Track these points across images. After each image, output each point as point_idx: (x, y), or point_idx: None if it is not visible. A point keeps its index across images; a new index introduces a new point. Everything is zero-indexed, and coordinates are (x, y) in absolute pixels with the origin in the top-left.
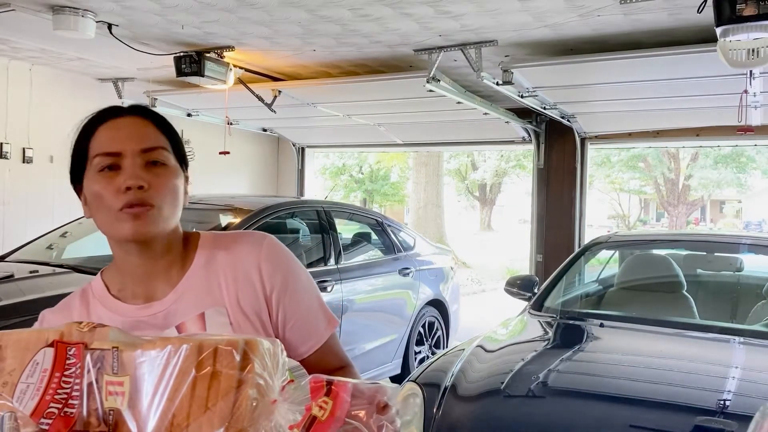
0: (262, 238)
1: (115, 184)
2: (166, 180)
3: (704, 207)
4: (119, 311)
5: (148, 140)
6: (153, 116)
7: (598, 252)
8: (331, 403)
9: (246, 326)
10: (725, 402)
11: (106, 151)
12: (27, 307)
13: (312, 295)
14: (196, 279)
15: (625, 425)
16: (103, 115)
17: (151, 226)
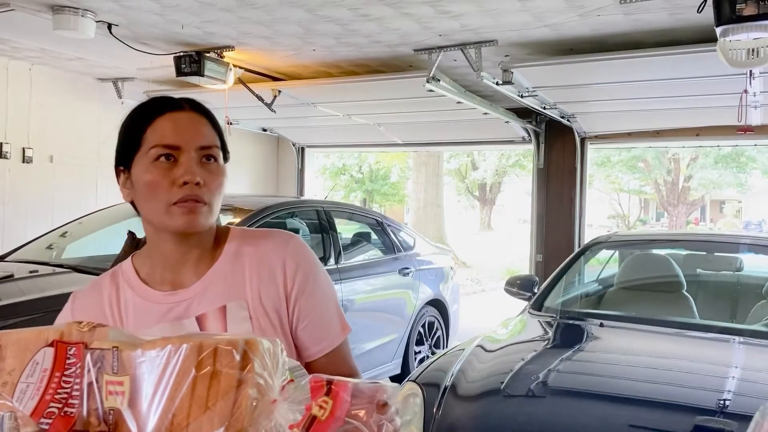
0: (289, 238)
1: (171, 176)
2: (218, 177)
3: (704, 207)
4: (145, 295)
5: (205, 138)
6: (207, 114)
7: (598, 252)
8: (331, 403)
9: (265, 322)
10: (725, 402)
11: (165, 143)
12: (27, 307)
13: (329, 298)
14: (222, 271)
15: (625, 425)
16: (162, 106)
17: (201, 222)
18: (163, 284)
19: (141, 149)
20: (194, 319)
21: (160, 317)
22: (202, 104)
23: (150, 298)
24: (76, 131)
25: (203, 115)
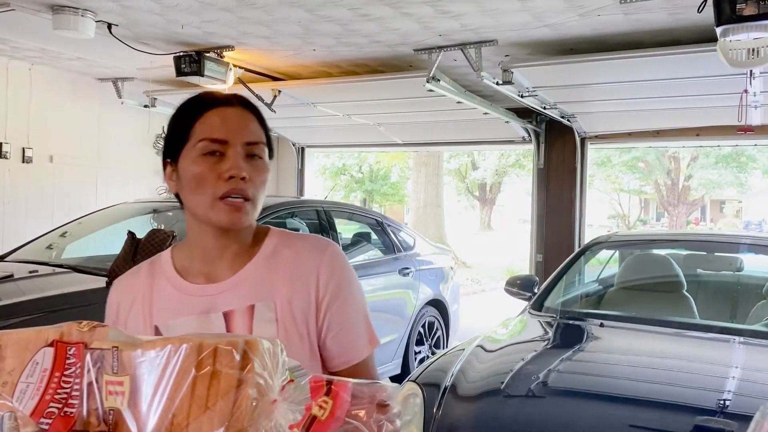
0: (327, 245)
1: (217, 170)
2: (263, 174)
3: (704, 207)
4: (177, 286)
5: (252, 134)
6: (255, 110)
7: (598, 252)
8: (331, 403)
9: (291, 327)
10: (725, 402)
11: (214, 137)
12: (27, 307)
13: (359, 310)
14: (256, 270)
15: (625, 425)
16: (212, 101)
17: (245, 218)
18: (198, 277)
19: (189, 142)
20: (221, 315)
21: (188, 309)
22: (250, 102)
23: (182, 289)
24: (76, 131)
25: (251, 112)
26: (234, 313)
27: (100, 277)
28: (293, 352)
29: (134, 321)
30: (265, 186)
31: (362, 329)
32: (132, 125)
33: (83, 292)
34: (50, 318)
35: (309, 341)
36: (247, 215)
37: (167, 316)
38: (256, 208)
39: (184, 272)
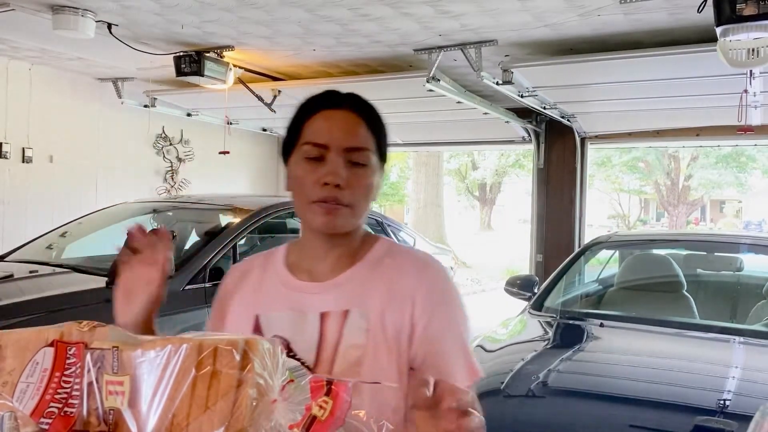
0: (431, 262)
1: (315, 175)
2: (363, 180)
3: (704, 207)
4: (284, 279)
5: (355, 140)
6: (367, 113)
7: (598, 252)
8: (331, 403)
9: (380, 340)
10: (725, 402)
11: (314, 142)
12: (27, 307)
13: (458, 337)
14: (356, 276)
15: (625, 425)
16: (321, 103)
17: (340, 223)
18: (303, 274)
19: (297, 144)
20: (318, 315)
21: (288, 304)
22: (366, 103)
23: (286, 284)
24: (76, 131)
25: (361, 116)
26: (329, 315)
27: (100, 277)
28: (379, 366)
29: (238, 307)
30: (368, 191)
31: (459, 359)
32: (132, 125)
33: (83, 292)
34: (50, 318)
35: (398, 359)
36: (343, 221)
37: (268, 307)
38: (355, 214)
39: (293, 268)
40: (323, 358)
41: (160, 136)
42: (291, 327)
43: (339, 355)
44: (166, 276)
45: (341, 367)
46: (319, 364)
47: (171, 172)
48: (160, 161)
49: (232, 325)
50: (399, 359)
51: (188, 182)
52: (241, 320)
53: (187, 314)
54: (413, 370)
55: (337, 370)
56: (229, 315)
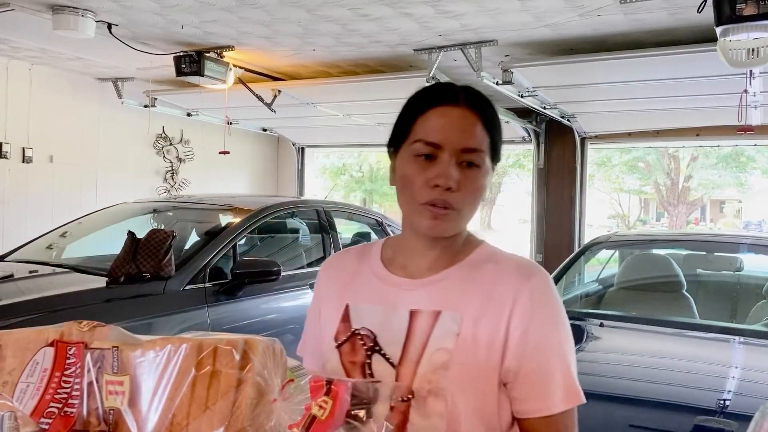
0: (536, 272)
1: (426, 175)
2: (475, 183)
3: (704, 207)
4: (378, 273)
5: (471, 140)
6: (484, 111)
7: (598, 252)
8: (330, 403)
9: (470, 346)
10: (725, 402)
11: (427, 140)
12: (27, 307)
13: (558, 356)
14: (454, 277)
15: (625, 425)
16: (438, 97)
17: (448, 227)
18: (398, 269)
19: (407, 139)
20: (408, 312)
21: (380, 297)
22: (482, 99)
23: (380, 277)
24: (76, 131)
25: (478, 114)
26: (419, 313)
27: (100, 277)
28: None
29: (330, 295)
30: (479, 195)
31: (557, 379)
32: (132, 125)
33: (83, 292)
34: (50, 318)
35: (487, 368)
36: (451, 224)
37: (360, 298)
38: (462, 217)
39: (388, 262)
40: (409, 357)
41: (160, 136)
42: (380, 320)
43: (425, 356)
44: None
45: (426, 369)
46: (404, 362)
47: (171, 172)
48: (160, 161)
49: (325, 316)
50: (488, 369)
51: (188, 182)
52: (332, 308)
53: (187, 314)
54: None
55: (421, 371)
56: (323, 306)
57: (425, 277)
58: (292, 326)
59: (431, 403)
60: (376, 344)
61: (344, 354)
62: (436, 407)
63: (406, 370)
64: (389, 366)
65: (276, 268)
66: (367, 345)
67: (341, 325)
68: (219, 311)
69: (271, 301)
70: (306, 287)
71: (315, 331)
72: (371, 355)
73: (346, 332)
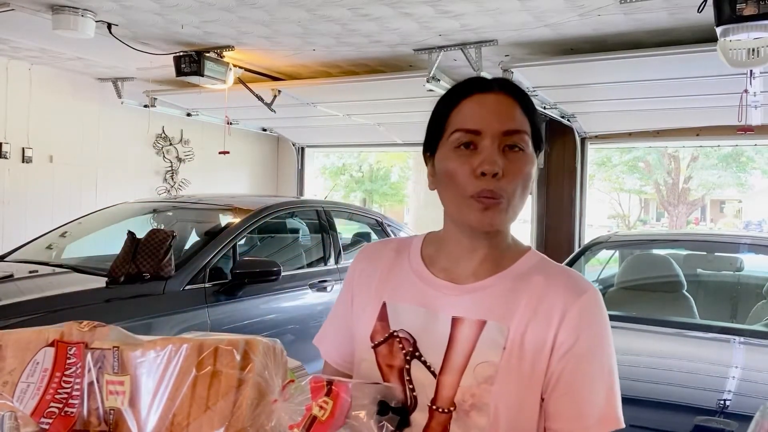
0: (587, 288)
1: (469, 164)
2: (522, 167)
3: (704, 207)
4: (419, 272)
5: (511, 122)
6: (521, 96)
7: (598, 252)
8: (331, 403)
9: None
10: (725, 402)
11: (466, 128)
12: (27, 307)
13: (602, 377)
14: (500, 286)
15: (626, 425)
16: (470, 88)
17: (498, 219)
18: (439, 271)
19: (444, 134)
20: (450, 318)
21: (420, 299)
22: (516, 85)
23: (421, 277)
24: (75, 131)
25: (514, 98)
26: (462, 321)
27: (100, 277)
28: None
29: (366, 288)
30: (526, 182)
31: (596, 400)
32: (132, 125)
33: (83, 292)
34: (50, 318)
35: (531, 386)
36: (501, 216)
37: (398, 297)
38: (513, 209)
39: (429, 261)
40: (452, 366)
41: (159, 136)
42: (420, 324)
43: (469, 368)
44: None
45: (470, 382)
46: (447, 371)
47: (171, 172)
48: (160, 161)
49: (358, 309)
50: (532, 385)
51: (188, 182)
52: (367, 305)
53: (187, 314)
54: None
55: (465, 383)
56: (356, 298)
57: (469, 284)
58: (292, 326)
59: (474, 417)
60: (416, 350)
61: (381, 356)
62: (479, 421)
63: (448, 381)
64: (429, 374)
65: (276, 268)
66: (406, 349)
67: (378, 324)
68: (219, 311)
69: (271, 301)
70: (306, 287)
71: (342, 321)
72: (410, 360)
73: (383, 333)
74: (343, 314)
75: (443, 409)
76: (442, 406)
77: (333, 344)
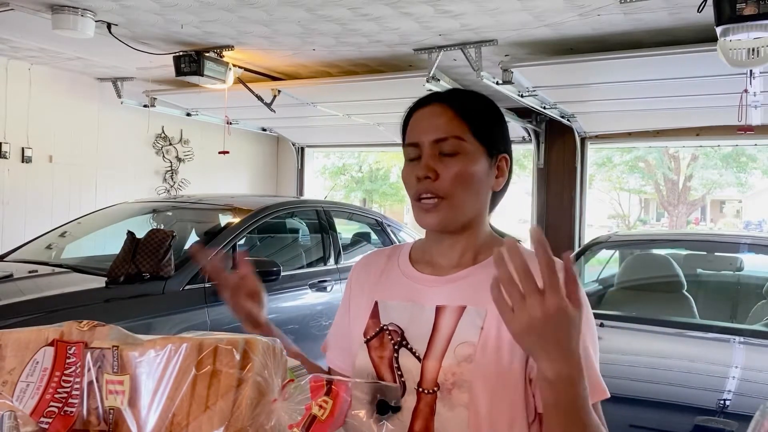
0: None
1: (413, 173)
2: (456, 169)
3: (704, 207)
4: (405, 270)
5: (440, 130)
6: (458, 102)
7: (598, 252)
8: (331, 403)
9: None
10: (725, 402)
11: (408, 142)
12: (26, 307)
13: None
14: (480, 274)
15: (626, 425)
16: (415, 105)
17: (442, 217)
18: (425, 267)
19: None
20: (434, 308)
21: (407, 294)
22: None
23: (407, 274)
24: (75, 131)
25: (450, 105)
26: (445, 308)
27: (100, 277)
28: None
29: (360, 292)
30: (466, 179)
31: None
32: (132, 125)
33: (83, 292)
34: (50, 318)
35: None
36: (444, 213)
37: (388, 296)
38: (456, 206)
39: (416, 260)
40: (435, 350)
41: (159, 136)
42: (407, 316)
43: (450, 349)
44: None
45: (450, 361)
46: (430, 355)
47: (170, 172)
48: (160, 161)
49: (354, 312)
50: (512, 363)
51: (188, 182)
52: (362, 306)
53: (187, 314)
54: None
55: (446, 363)
56: (353, 303)
57: (450, 274)
58: (292, 326)
59: (456, 395)
60: (404, 339)
61: (373, 349)
62: (461, 398)
63: (432, 364)
64: (415, 360)
65: (276, 268)
66: (394, 340)
67: (370, 321)
68: (219, 311)
69: (270, 301)
70: (306, 287)
71: (342, 328)
72: (398, 349)
73: (375, 328)
74: (342, 322)
75: (428, 390)
76: (427, 388)
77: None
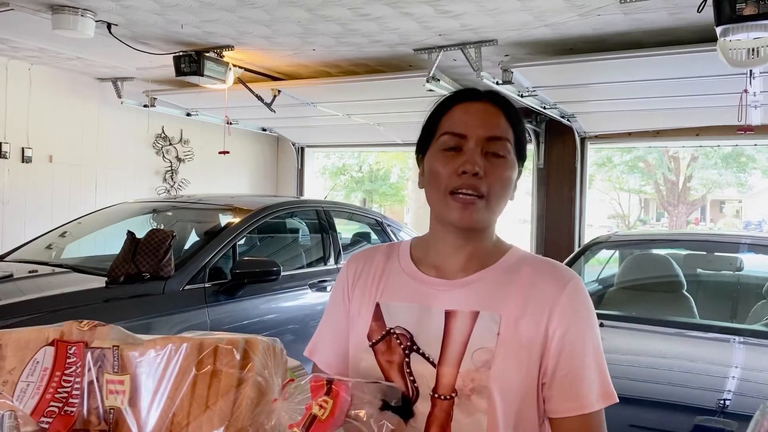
0: (571, 277)
1: (453, 165)
2: (502, 172)
3: (704, 207)
4: (410, 272)
5: (494, 129)
6: (505, 106)
7: (598, 252)
8: (331, 403)
9: (511, 346)
10: (725, 402)
11: (453, 131)
12: (27, 307)
13: (594, 356)
14: (490, 278)
15: (625, 425)
16: (461, 96)
17: (477, 216)
18: (429, 269)
19: (434, 137)
20: (443, 312)
21: (413, 296)
22: (504, 97)
23: (412, 276)
24: (75, 131)
25: (500, 107)
26: (456, 314)
27: (100, 277)
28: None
29: (360, 293)
30: (505, 185)
31: (594, 379)
32: (132, 125)
33: (83, 292)
34: (50, 318)
35: (528, 368)
36: (480, 214)
37: (391, 296)
38: (490, 207)
39: (418, 261)
40: (450, 355)
41: (159, 136)
42: (415, 320)
43: (467, 355)
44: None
45: (468, 367)
46: (445, 361)
47: (170, 172)
48: (160, 161)
49: (353, 311)
50: (529, 368)
51: (188, 182)
52: (361, 308)
53: (187, 314)
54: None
55: (464, 369)
56: (352, 301)
57: (459, 278)
58: (291, 326)
59: (475, 401)
60: (414, 343)
61: (380, 353)
62: (480, 404)
63: (448, 369)
64: (429, 365)
65: (276, 268)
66: (404, 344)
67: (374, 324)
68: (219, 311)
69: (270, 301)
70: (306, 287)
71: (337, 329)
72: (409, 354)
73: (380, 331)
74: (335, 321)
75: (445, 396)
76: (444, 394)
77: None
